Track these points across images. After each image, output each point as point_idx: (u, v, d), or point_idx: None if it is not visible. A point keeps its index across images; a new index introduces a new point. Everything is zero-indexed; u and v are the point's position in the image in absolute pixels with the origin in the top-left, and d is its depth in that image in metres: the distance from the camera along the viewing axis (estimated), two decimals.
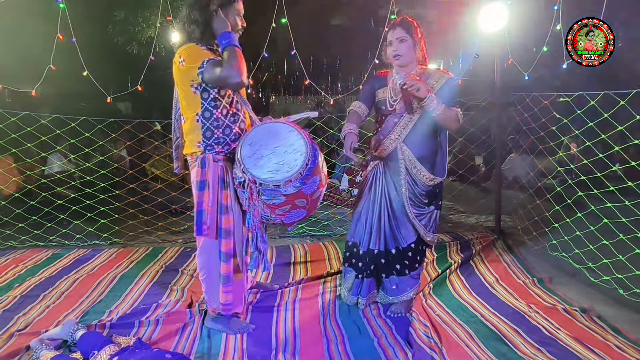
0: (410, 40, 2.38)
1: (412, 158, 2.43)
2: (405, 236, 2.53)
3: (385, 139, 2.48)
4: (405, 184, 2.45)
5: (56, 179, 4.56)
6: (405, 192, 2.45)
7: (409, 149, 2.43)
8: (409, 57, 2.41)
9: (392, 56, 2.41)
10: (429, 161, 2.45)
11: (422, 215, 2.50)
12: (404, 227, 2.52)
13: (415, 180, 2.45)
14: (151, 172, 5.16)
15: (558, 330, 2.41)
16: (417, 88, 2.23)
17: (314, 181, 2.03)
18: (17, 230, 4.02)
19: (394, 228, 2.52)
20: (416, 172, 2.44)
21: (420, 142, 2.43)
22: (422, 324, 2.52)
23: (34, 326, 2.50)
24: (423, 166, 2.43)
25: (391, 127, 2.47)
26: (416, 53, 2.42)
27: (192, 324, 2.52)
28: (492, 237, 3.91)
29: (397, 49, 2.37)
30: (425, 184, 2.45)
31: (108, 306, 2.78)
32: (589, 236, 3.14)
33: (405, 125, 2.44)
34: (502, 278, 3.17)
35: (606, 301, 2.78)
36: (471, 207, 5.04)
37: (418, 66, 2.46)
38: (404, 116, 2.43)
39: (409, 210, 2.46)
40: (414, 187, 2.46)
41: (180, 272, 3.33)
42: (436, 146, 2.48)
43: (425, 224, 2.52)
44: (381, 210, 2.51)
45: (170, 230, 4.34)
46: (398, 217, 2.51)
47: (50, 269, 3.39)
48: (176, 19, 2.95)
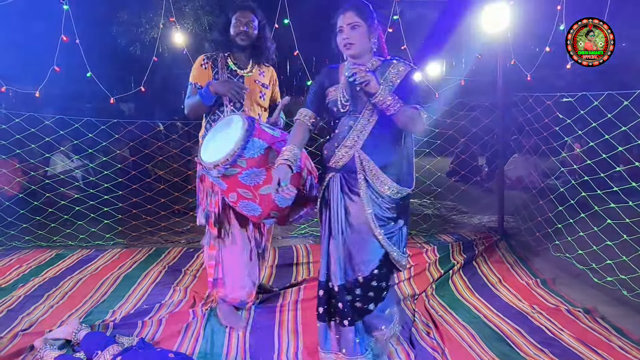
0: (364, 26, 1.97)
1: (373, 168, 1.99)
2: (368, 261, 2.04)
3: (340, 146, 2.01)
4: (368, 198, 2.00)
5: (60, 179, 4.58)
6: (369, 208, 2.00)
7: (369, 158, 1.99)
8: (363, 46, 1.99)
9: (342, 45, 1.99)
10: (394, 170, 2.02)
11: (391, 234, 2.06)
12: (367, 250, 2.03)
13: (379, 193, 2.00)
14: (154, 173, 5.18)
15: (561, 331, 2.40)
16: (366, 82, 1.85)
17: (254, 172, 2.03)
18: (21, 230, 4.04)
19: (354, 253, 2.03)
20: (380, 185, 2.00)
21: (382, 148, 2.01)
22: (425, 325, 2.52)
23: (38, 326, 2.51)
24: (388, 176, 2.00)
25: (346, 132, 2.01)
26: (371, 42, 2.02)
27: (194, 324, 2.52)
28: (495, 237, 3.90)
29: (349, 36, 1.96)
30: (392, 197, 2.02)
31: (111, 306, 2.79)
32: (593, 237, 3.13)
33: (363, 128, 1.99)
34: (505, 279, 3.17)
35: (610, 302, 2.77)
36: (474, 207, 5.03)
37: (374, 58, 2.04)
38: (361, 118, 2.00)
39: (377, 232, 2.00)
40: (378, 201, 2.01)
41: (183, 273, 3.34)
42: (402, 152, 2.05)
43: (397, 243, 2.09)
44: (338, 232, 2.04)
45: (173, 230, 4.35)
46: (359, 238, 2.03)
47: (53, 269, 3.40)
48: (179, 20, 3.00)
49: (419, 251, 3.56)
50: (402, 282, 3.12)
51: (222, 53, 2.57)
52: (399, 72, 2.00)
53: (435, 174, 4.68)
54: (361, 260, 2.03)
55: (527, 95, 3.80)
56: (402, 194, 2.04)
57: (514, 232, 4.10)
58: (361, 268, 2.03)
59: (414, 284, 3.09)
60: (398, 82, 1.98)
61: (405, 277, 3.18)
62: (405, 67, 2.01)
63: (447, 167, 6.79)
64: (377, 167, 1.99)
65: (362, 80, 1.84)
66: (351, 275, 2.04)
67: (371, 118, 1.99)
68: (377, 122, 1.98)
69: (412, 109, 1.92)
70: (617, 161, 3.59)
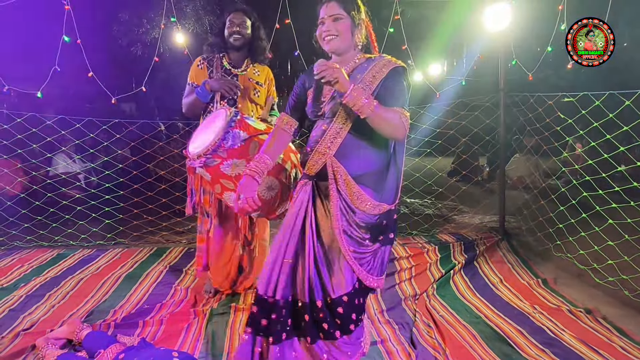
0: (347, 19, 1.78)
1: (346, 177, 1.76)
2: (336, 283, 1.78)
3: (314, 152, 1.81)
4: (338, 212, 1.76)
5: (61, 179, 4.58)
6: (338, 223, 1.76)
7: (342, 166, 1.76)
8: (345, 41, 1.79)
9: (322, 38, 1.80)
10: (372, 181, 1.78)
11: (362, 255, 1.80)
12: (335, 271, 1.79)
13: (351, 207, 1.76)
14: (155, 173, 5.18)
15: (562, 332, 2.40)
16: (334, 80, 1.61)
17: (234, 163, 2.06)
18: (23, 230, 4.05)
19: (322, 272, 1.79)
20: (353, 197, 1.76)
21: (358, 155, 1.77)
22: (426, 325, 2.51)
23: (40, 325, 2.51)
24: (363, 188, 1.76)
25: (319, 135, 1.81)
26: (356, 37, 1.82)
27: (196, 324, 2.53)
28: (496, 237, 3.90)
29: (330, 29, 1.77)
30: (367, 213, 1.77)
31: (112, 306, 2.79)
32: (594, 237, 3.13)
33: (337, 133, 1.77)
34: (506, 279, 3.16)
35: (611, 302, 2.77)
36: (475, 207, 5.03)
37: (360, 54, 1.85)
38: (335, 121, 1.78)
39: (345, 249, 1.76)
40: (350, 216, 1.77)
41: (184, 272, 3.35)
42: (384, 161, 1.82)
43: (368, 267, 1.82)
44: (306, 246, 1.80)
45: (174, 230, 4.35)
46: (329, 257, 1.81)
47: (55, 268, 3.41)
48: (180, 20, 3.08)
49: (420, 251, 3.57)
50: (403, 282, 3.12)
51: (218, 54, 2.72)
52: (381, 71, 1.77)
53: (436, 174, 4.68)
54: (330, 280, 1.78)
55: (528, 95, 3.80)
56: (381, 210, 1.78)
57: (515, 232, 4.10)
58: (328, 289, 1.78)
59: (415, 284, 3.09)
60: (378, 81, 1.75)
61: (406, 277, 3.19)
62: (389, 65, 1.78)
63: (448, 167, 6.79)
64: (351, 176, 1.76)
65: (330, 78, 1.60)
66: (317, 295, 1.78)
67: (347, 121, 1.77)
68: (353, 126, 1.76)
69: (390, 112, 1.68)
70: (618, 161, 3.58)
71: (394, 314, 2.66)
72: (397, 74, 1.77)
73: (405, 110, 1.73)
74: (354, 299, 1.80)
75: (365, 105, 1.62)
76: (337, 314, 1.78)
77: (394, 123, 1.69)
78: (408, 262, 3.40)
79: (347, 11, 1.78)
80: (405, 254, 3.52)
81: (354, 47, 1.84)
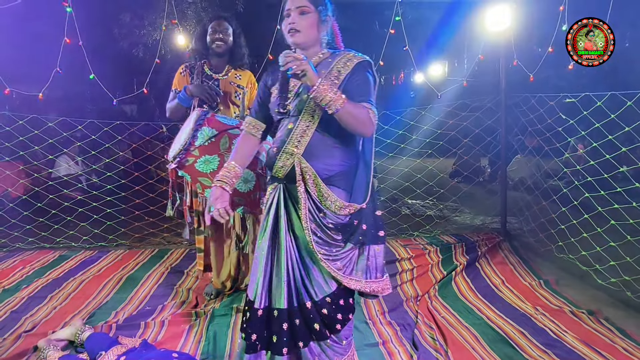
0: (314, 13, 1.71)
1: (315, 178, 1.70)
2: (316, 285, 1.74)
3: (281, 152, 1.73)
4: (308, 213, 1.71)
5: (63, 181, 4.59)
6: (307, 224, 1.71)
7: (309, 166, 1.70)
8: (311, 35, 1.72)
9: (286, 31, 1.72)
10: (342, 181, 1.73)
11: (336, 257, 1.73)
12: (314, 274, 1.75)
13: (320, 207, 1.72)
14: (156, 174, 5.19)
15: (565, 333, 2.39)
16: (302, 71, 1.54)
17: (207, 160, 2.14)
18: (25, 232, 4.05)
19: (303, 274, 1.75)
20: (322, 198, 1.71)
21: (327, 155, 1.72)
22: (428, 326, 2.51)
23: (41, 327, 2.51)
24: (332, 188, 1.71)
25: (285, 135, 1.73)
26: (321, 32, 1.75)
27: (197, 326, 2.52)
28: (498, 238, 3.90)
29: (295, 21, 1.69)
30: (337, 214, 1.72)
31: (114, 307, 2.80)
32: (596, 238, 3.12)
33: (304, 131, 1.71)
34: (508, 280, 3.16)
35: (614, 303, 2.76)
36: (477, 208, 5.02)
37: (324, 50, 1.79)
38: (301, 119, 1.71)
39: (316, 251, 1.71)
40: (319, 217, 1.72)
41: (185, 274, 3.35)
42: (353, 160, 1.77)
43: (346, 269, 1.75)
44: (283, 251, 1.75)
45: (175, 232, 4.35)
46: (305, 260, 1.76)
47: (57, 270, 3.41)
48: (181, 22, 3.13)
49: (422, 252, 3.56)
50: (405, 284, 3.12)
51: (200, 61, 2.84)
52: (346, 65, 1.70)
53: (437, 175, 4.68)
54: (310, 283, 1.74)
55: (529, 96, 3.79)
56: (350, 211, 1.72)
57: (517, 233, 4.09)
58: (311, 292, 1.73)
59: (416, 285, 3.09)
60: (344, 76, 1.68)
61: (408, 279, 3.18)
62: (354, 59, 1.72)
63: (449, 168, 6.78)
64: (320, 177, 1.70)
65: (297, 70, 1.53)
66: (304, 297, 1.74)
67: (313, 119, 1.69)
68: (320, 124, 1.69)
69: (358, 107, 1.62)
70: (620, 162, 3.58)
71: (396, 315, 2.66)
72: (362, 68, 1.71)
73: (372, 106, 1.67)
74: (337, 300, 1.75)
75: (333, 100, 1.55)
76: (323, 315, 1.74)
77: (362, 119, 1.63)
78: (409, 264, 3.39)
79: (314, 4, 1.72)
80: (406, 255, 3.52)
81: (319, 42, 1.77)
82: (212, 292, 2.92)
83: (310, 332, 1.75)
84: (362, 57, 1.73)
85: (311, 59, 1.71)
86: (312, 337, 1.76)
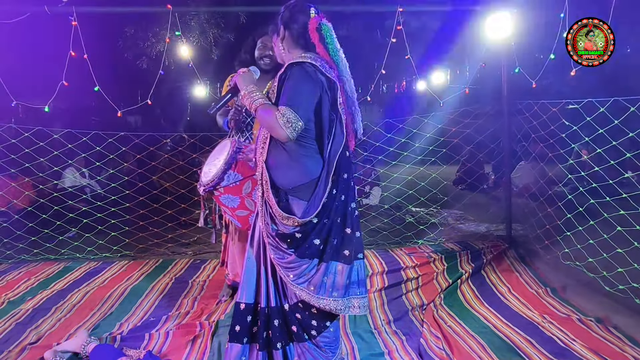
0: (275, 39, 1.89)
1: (266, 186, 1.75)
2: (289, 290, 1.79)
3: (257, 158, 1.85)
4: (262, 217, 1.77)
5: (68, 192, 4.62)
6: (264, 227, 1.76)
7: (266, 174, 1.75)
8: (278, 56, 1.92)
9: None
10: (303, 193, 1.73)
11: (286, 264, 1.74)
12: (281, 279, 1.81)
13: (272, 215, 1.74)
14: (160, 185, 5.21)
15: (573, 342, 2.36)
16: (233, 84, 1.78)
17: (229, 198, 2.24)
18: (30, 243, 4.07)
19: (277, 279, 1.82)
20: (270, 205, 1.75)
21: (287, 164, 1.74)
22: (434, 336, 2.49)
23: (46, 339, 2.51)
24: (292, 199, 1.73)
25: (256, 141, 1.85)
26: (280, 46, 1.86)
27: (202, 337, 2.51)
28: (503, 246, 3.87)
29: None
30: (283, 223, 1.73)
31: (119, 319, 2.79)
32: (603, 244, 3.09)
33: (265, 138, 1.79)
34: (515, 288, 3.13)
35: (622, 311, 2.72)
36: (481, 215, 5.00)
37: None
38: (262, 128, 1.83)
39: (268, 253, 1.76)
40: (270, 223, 1.76)
41: (190, 284, 3.34)
42: (316, 172, 1.76)
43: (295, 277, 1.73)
44: (264, 249, 1.82)
45: (179, 242, 4.36)
46: (273, 265, 1.82)
47: (61, 281, 3.42)
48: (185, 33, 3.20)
49: (427, 260, 3.54)
50: (410, 292, 3.10)
51: None
52: (283, 70, 1.76)
53: (441, 183, 4.67)
54: (284, 287, 1.77)
55: (532, 103, 3.79)
56: (294, 223, 1.70)
57: (523, 240, 4.06)
58: (287, 295, 1.78)
59: (421, 294, 3.07)
60: (280, 81, 1.74)
61: (413, 287, 3.16)
62: (293, 62, 1.74)
63: (453, 176, 6.77)
64: (281, 186, 1.73)
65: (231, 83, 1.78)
66: (283, 300, 1.79)
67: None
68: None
69: (268, 112, 1.66)
70: (625, 167, 3.56)
71: (401, 325, 2.64)
72: (289, 71, 1.73)
73: (285, 108, 1.64)
74: (310, 307, 1.75)
75: (248, 106, 1.75)
76: (297, 319, 1.78)
77: (269, 123, 1.66)
78: (414, 272, 3.38)
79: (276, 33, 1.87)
80: (411, 263, 3.50)
81: (287, 52, 1.85)
82: (226, 294, 3.02)
83: (290, 334, 1.81)
84: (298, 60, 1.73)
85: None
86: (292, 338, 1.82)
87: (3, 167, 4.31)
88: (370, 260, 3.57)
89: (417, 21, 7.17)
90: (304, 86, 1.70)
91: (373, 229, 4.47)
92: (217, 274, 3.52)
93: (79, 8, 3.44)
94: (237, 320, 1.82)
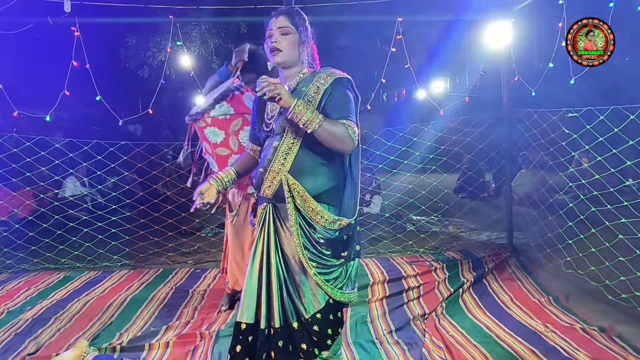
0: (295, 34, 1.79)
1: (304, 194, 1.74)
2: (307, 302, 1.77)
3: (268, 172, 1.77)
4: (298, 229, 1.75)
5: (69, 201, 4.62)
6: (300, 240, 1.75)
7: (298, 182, 1.74)
8: (292, 54, 1.80)
9: (269, 50, 1.80)
10: (330, 197, 1.78)
11: (328, 271, 1.78)
12: (304, 290, 1.77)
13: (310, 223, 1.76)
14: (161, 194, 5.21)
15: (577, 351, 2.34)
16: (277, 96, 1.60)
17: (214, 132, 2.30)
18: (30, 253, 4.06)
19: (292, 293, 1.78)
20: (312, 213, 1.74)
21: (313, 172, 1.76)
22: (436, 346, 2.46)
23: (46, 349, 2.49)
24: (321, 204, 1.75)
25: (272, 154, 1.77)
26: (303, 52, 1.83)
27: (202, 347, 2.49)
28: (505, 254, 3.85)
29: (277, 41, 1.77)
30: (326, 229, 1.75)
31: (118, 329, 2.77)
32: (605, 253, 3.08)
33: (289, 149, 1.75)
34: (517, 297, 3.11)
35: (626, 320, 2.70)
36: (482, 224, 4.98)
37: (306, 69, 1.85)
38: (285, 138, 1.76)
39: (307, 265, 1.75)
40: (309, 232, 1.76)
41: (190, 294, 3.33)
42: (341, 176, 1.83)
43: (336, 283, 1.79)
44: (272, 270, 1.77)
45: (180, 251, 4.34)
46: (295, 278, 1.78)
47: (61, 291, 3.40)
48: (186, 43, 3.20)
49: (428, 269, 3.52)
50: (412, 302, 3.08)
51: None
52: (325, 82, 1.75)
53: (442, 191, 4.67)
54: (300, 301, 1.76)
55: (532, 111, 3.80)
56: (340, 225, 1.76)
57: (524, 249, 4.05)
58: (301, 310, 1.76)
59: (423, 303, 3.05)
60: (321, 94, 1.73)
61: (414, 296, 3.14)
62: (333, 76, 1.76)
63: (453, 184, 6.77)
64: (308, 192, 1.74)
65: (273, 94, 1.59)
66: (291, 318, 1.76)
67: (297, 137, 1.74)
68: (304, 141, 1.74)
69: (336, 124, 1.67)
70: (626, 175, 3.55)
71: (403, 334, 2.62)
72: (340, 85, 1.75)
73: (351, 122, 1.70)
74: (327, 315, 1.78)
75: (310, 119, 1.62)
76: (314, 332, 1.76)
77: (340, 136, 1.67)
78: (416, 281, 3.36)
79: (294, 26, 1.80)
80: (412, 272, 3.48)
81: (300, 62, 1.84)
82: (226, 303, 3.01)
83: (298, 352, 1.75)
84: (342, 74, 1.77)
85: (293, 78, 1.82)
86: (300, 356, 1.76)
87: (4, 177, 4.32)
88: (371, 268, 3.56)
89: (416, 30, 7.23)
90: (352, 99, 1.78)
91: (374, 238, 4.46)
92: (217, 283, 3.50)
93: (81, 19, 3.48)
94: (237, 341, 1.77)
